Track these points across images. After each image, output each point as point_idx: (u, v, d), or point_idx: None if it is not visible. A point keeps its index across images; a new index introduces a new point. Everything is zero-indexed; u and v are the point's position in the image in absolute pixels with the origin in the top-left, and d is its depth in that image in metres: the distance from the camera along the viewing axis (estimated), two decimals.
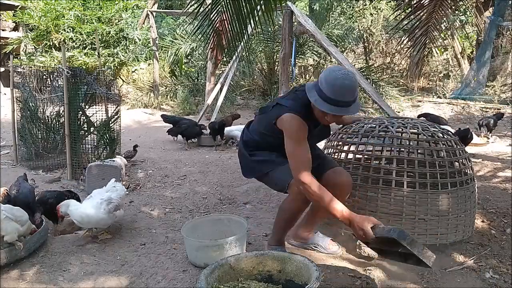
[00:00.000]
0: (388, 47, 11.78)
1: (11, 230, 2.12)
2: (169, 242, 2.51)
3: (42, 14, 9.53)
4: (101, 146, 4.14)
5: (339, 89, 1.86)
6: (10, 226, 2.12)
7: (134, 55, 10.27)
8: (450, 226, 2.27)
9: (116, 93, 4.40)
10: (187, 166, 4.44)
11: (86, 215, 2.41)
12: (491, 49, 9.49)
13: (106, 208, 2.43)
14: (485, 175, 4.06)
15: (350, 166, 2.40)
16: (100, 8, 10.11)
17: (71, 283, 2.06)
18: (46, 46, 9.79)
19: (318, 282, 1.63)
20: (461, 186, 2.31)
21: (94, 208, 2.42)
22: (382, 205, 2.25)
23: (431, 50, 10.50)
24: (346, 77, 1.87)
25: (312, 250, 2.37)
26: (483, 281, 2.07)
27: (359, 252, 2.27)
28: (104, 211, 2.42)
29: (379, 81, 9.42)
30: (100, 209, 2.42)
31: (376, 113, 8.19)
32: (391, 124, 2.45)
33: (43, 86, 4.44)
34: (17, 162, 4.38)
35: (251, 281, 1.87)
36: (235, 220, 2.46)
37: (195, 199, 3.35)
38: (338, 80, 1.86)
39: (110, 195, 2.55)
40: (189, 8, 3.48)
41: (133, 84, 10.87)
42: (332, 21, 10.71)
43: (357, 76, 2.01)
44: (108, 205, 2.45)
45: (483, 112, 8.32)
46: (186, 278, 2.09)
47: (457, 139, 2.48)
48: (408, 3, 4.46)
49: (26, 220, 2.25)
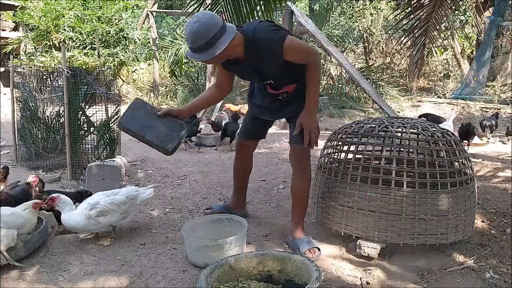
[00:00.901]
0: (388, 47, 11.79)
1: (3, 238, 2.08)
2: (169, 242, 2.51)
3: (42, 14, 9.54)
4: (101, 146, 4.14)
5: (186, 35, 2.03)
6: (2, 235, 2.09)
7: (134, 55, 10.27)
8: (450, 226, 2.27)
9: (116, 93, 4.40)
10: (187, 166, 4.45)
11: (68, 218, 2.33)
12: (491, 49, 9.50)
13: (87, 213, 2.32)
14: (485, 175, 4.07)
15: (350, 166, 2.40)
16: (100, 8, 10.12)
17: (71, 283, 2.06)
18: (46, 46, 9.80)
19: (318, 282, 1.64)
20: (461, 186, 2.31)
21: (77, 213, 2.34)
22: (382, 205, 2.25)
23: (431, 50, 10.50)
24: (188, 24, 2.01)
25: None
26: (483, 281, 2.07)
27: (359, 252, 2.27)
28: (84, 216, 2.32)
29: (379, 81, 9.44)
30: (81, 215, 2.33)
31: (376, 113, 8.20)
32: (391, 124, 2.45)
33: (43, 86, 4.43)
34: (17, 162, 4.38)
35: (251, 281, 1.87)
36: (235, 220, 2.46)
37: (195, 199, 3.35)
38: (187, 27, 2.02)
39: (100, 199, 2.42)
40: (189, 8, 3.49)
41: (133, 84, 10.87)
42: (332, 21, 10.73)
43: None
44: (90, 210, 2.33)
45: (483, 112, 8.33)
46: (186, 278, 2.09)
47: (457, 139, 2.48)
48: (408, 3, 4.46)
49: (22, 222, 2.20)
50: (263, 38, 2.10)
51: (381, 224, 2.25)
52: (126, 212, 2.50)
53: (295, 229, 2.43)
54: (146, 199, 2.66)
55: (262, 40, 2.09)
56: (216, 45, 1.97)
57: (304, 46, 2.28)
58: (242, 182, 2.87)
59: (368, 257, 2.25)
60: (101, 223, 2.38)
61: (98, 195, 2.50)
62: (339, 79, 9.95)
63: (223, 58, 2.13)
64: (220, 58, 2.10)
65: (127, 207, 2.49)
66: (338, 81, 9.84)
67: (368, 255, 2.24)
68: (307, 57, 2.21)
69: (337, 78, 10.13)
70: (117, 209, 2.42)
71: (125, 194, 2.50)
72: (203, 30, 1.95)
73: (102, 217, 2.36)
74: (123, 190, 2.57)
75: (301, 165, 2.42)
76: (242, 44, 2.12)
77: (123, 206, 2.46)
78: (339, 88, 9.54)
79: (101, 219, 2.37)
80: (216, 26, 1.97)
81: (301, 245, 2.32)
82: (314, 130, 2.29)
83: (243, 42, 2.12)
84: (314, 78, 2.25)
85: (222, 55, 2.04)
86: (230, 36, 2.00)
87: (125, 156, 4.21)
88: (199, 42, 1.97)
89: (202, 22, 1.96)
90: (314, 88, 2.27)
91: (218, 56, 2.01)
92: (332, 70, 10.51)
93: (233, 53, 2.11)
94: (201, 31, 1.95)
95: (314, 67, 2.23)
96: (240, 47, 2.12)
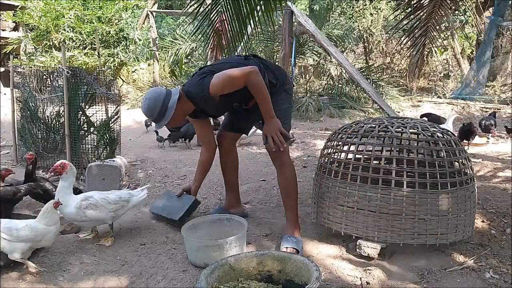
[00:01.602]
0: (388, 47, 11.79)
1: (9, 249, 2.07)
2: (169, 242, 2.51)
3: (42, 14, 9.55)
4: (101, 146, 4.14)
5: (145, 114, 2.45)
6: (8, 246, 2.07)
7: (134, 55, 10.27)
8: (450, 226, 2.27)
9: (116, 93, 4.40)
10: (187, 166, 4.45)
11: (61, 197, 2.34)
12: (491, 49, 9.50)
13: (79, 203, 2.35)
14: (485, 175, 4.06)
15: (350, 166, 2.40)
16: (100, 8, 10.13)
17: (71, 283, 2.06)
18: (46, 46, 9.81)
19: (318, 282, 1.64)
20: (461, 186, 2.31)
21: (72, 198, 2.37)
22: (382, 205, 2.25)
23: (431, 50, 10.51)
24: (142, 104, 2.42)
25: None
26: (483, 281, 2.07)
27: (359, 252, 2.27)
28: (75, 204, 2.34)
29: (379, 81, 9.44)
30: (74, 202, 2.35)
31: (376, 113, 8.20)
32: (391, 124, 2.45)
33: (43, 86, 4.43)
34: (17, 162, 4.38)
35: (251, 281, 1.87)
36: (235, 220, 2.47)
37: None
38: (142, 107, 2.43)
39: (93, 194, 2.45)
40: (189, 8, 3.49)
41: (133, 84, 10.87)
42: (332, 21, 10.72)
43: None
44: (82, 201, 2.36)
45: (483, 112, 8.32)
46: (186, 278, 2.09)
47: (457, 139, 2.48)
48: (408, 3, 4.46)
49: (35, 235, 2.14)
50: (195, 92, 2.39)
51: (381, 224, 2.25)
52: (116, 213, 2.48)
53: (286, 225, 2.51)
54: (139, 202, 2.64)
55: (195, 94, 2.40)
56: (167, 111, 2.36)
57: (227, 79, 2.31)
58: (230, 178, 2.90)
59: (368, 257, 2.25)
60: (87, 216, 2.37)
61: (94, 192, 2.52)
62: (339, 79, 9.95)
63: (182, 117, 2.52)
64: (179, 118, 2.47)
65: (117, 207, 2.47)
66: (338, 81, 9.84)
67: (368, 255, 2.24)
68: (238, 83, 2.32)
69: (337, 78, 10.13)
70: (107, 206, 2.42)
71: (119, 195, 2.52)
72: (152, 104, 2.36)
73: (91, 210, 2.36)
74: (118, 192, 2.59)
75: (277, 160, 2.49)
76: (188, 100, 2.44)
77: (114, 205, 2.45)
78: (339, 88, 9.54)
79: (89, 213, 2.36)
80: (161, 97, 2.36)
81: (282, 241, 2.38)
82: (274, 133, 2.35)
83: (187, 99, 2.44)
84: (256, 91, 2.33)
85: (178, 115, 2.41)
86: (175, 97, 2.38)
87: (125, 156, 4.21)
88: (155, 114, 2.37)
89: (149, 97, 2.38)
90: (260, 99, 2.36)
91: (174, 117, 2.38)
92: (332, 70, 10.51)
93: (185, 109, 2.47)
94: (151, 105, 2.36)
95: (250, 85, 2.31)
96: (188, 102, 2.45)
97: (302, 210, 2.83)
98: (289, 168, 2.49)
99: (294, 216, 2.48)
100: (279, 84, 2.51)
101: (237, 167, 2.93)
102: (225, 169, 2.89)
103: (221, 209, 2.87)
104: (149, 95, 2.39)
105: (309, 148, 5.52)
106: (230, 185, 2.91)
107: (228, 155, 2.85)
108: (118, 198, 2.48)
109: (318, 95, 9.09)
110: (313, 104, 8.20)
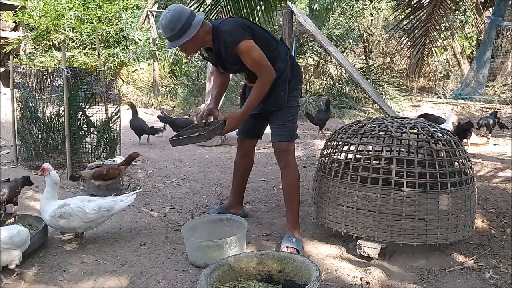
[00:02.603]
0: (388, 47, 11.79)
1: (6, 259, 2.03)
2: (169, 242, 2.51)
3: (42, 14, 9.54)
4: (101, 146, 4.14)
5: (163, 27, 2.22)
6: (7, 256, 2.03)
7: (134, 55, 10.27)
8: (450, 226, 2.27)
9: (116, 93, 4.40)
10: (187, 166, 4.45)
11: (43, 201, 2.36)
12: (491, 49, 9.50)
13: (55, 210, 2.31)
14: (485, 175, 4.07)
15: (350, 166, 2.40)
16: (100, 8, 10.12)
17: (71, 283, 2.06)
18: (46, 46, 9.80)
19: (318, 282, 1.64)
20: (461, 186, 2.31)
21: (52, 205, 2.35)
22: (382, 205, 2.25)
23: (431, 50, 10.49)
24: (163, 16, 2.21)
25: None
26: (483, 281, 2.07)
27: (359, 252, 2.27)
28: (51, 211, 2.31)
29: (379, 81, 9.43)
30: (51, 208, 2.32)
31: (376, 113, 8.20)
32: (391, 124, 2.45)
33: (43, 86, 4.43)
34: (17, 162, 4.38)
35: (251, 281, 1.87)
36: (235, 220, 2.47)
37: (195, 199, 3.35)
38: (162, 20, 2.22)
39: (71, 202, 2.37)
40: (189, 8, 3.49)
41: (133, 84, 10.86)
42: (332, 21, 10.72)
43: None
44: (58, 208, 2.31)
45: (483, 112, 8.32)
46: (186, 278, 2.09)
47: (457, 139, 2.48)
48: (408, 3, 4.46)
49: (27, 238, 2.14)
50: (224, 31, 2.27)
51: (381, 224, 2.25)
52: (94, 222, 2.40)
53: (286, 225, 2.51)
54: (124, 206, 2.52)
55: (223, 32, 2.27)
56: (191, 28, 2.18)
57: (258, 60, 2.27)
58: (240, 180, 2.88)
59: (368, 257, 2.25)
60: (60, 225, 2.33)
61: (76, 199, 2.44)
62: (339, 79, 9.94)
63: (198, 46, 2.35)
64: (195, 45, 2.31)
65: (96, 217, 2.38)
66: (338, 81, 9.83)
67: (368, 255, 2.25)
68: (258, 70, 2.30)
69: (337, 78, 10.12)
70: (82, 216, 2.33)
71: (99, 205, 2.40)
72: (177, 16, 2.17)
73: (63, 220, 2.31)
74: (100, 201, 2.47)
75: (282, 160, 2.49)
76: (210, 33, 2.31)
77: (90, 215, 2.35)
78: (339, 88, 9.54)
79: (61, 222, 2.31)
80: (187, 12, 2.20)
81: (283, 241, 2.38)
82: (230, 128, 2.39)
83: (210, 30, 2.31)
84: (258, 90, 2.33)
85: (198, 39, 2.24)
86: (201, 16, 2.24)
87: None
88: (177, 27, 2.17)
89: (175, 9, 2.19)
90: (252, 99, 2.35)
91: (194, 40, 2.21)
92: (332, 70, 10.51)
93: (204, 39, 2.30)
94: (175, 17, 2.17)
95: (262, 80, 2.31)
96: (209, 35, 2.31)
97: (302, 210, 2.83)
98: (293, 170, 2.49)
99: (295, 216, 2.49)
100: (293, 81, 2.50)
101: (248, 171, 2.90)
102: (237, 170, 2.86)
103: (221, 209, 2.87)
104: (174, 7, 2.21)
105: (309, 148, 5.52)
106: (237, 187, 2.89)
107: (243, 157, 2.83)
108: (97, 208, 2.38)
109: (318, 95, 9.08)
110: (313, 104, 8.19)
